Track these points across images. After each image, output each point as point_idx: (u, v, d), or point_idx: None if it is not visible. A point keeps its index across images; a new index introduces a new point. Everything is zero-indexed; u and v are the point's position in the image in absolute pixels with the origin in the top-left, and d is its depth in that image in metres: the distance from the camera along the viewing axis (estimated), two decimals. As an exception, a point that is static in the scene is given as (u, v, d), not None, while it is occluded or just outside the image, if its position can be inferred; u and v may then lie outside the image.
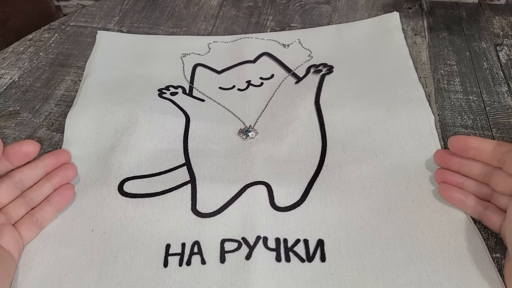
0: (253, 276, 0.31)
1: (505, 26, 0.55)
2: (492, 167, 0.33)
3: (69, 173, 0.38)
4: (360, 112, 0.43)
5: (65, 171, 0.37)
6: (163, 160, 0.40)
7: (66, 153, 0.38)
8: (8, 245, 0.32)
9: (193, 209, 0.36)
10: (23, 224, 0.34)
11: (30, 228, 0.34)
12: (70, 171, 0.38)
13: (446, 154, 0.35)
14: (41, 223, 0.35)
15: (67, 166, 0.38)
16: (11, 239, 0.32)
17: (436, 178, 0.36)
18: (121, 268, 0.33)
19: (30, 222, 0.34)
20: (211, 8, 0.61)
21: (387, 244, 0.33)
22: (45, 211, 0.35)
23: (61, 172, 0.37)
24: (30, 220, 0.34)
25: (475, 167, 0.34)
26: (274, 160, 0.40)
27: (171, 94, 0.47)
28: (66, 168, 0.38)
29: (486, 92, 0.46)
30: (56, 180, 0.37)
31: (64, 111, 0.46)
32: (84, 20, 0.59)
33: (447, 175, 0.35)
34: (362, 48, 0.51)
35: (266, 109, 0.45)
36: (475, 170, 0.34)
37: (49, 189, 0.36)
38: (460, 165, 0.35)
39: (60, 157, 0.38)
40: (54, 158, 0.37)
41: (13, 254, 0.32)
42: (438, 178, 0.35)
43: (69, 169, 0.38)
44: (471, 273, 0.31)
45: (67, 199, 0.36)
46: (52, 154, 0.37)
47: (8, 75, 0.51)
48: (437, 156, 0.36)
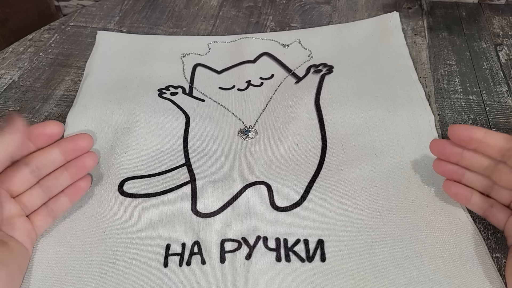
0: (253, 276, 0.31)
1: (505, 26, 0.55)
2: (495, 160, 0.31)
3: (88, 163, 0.35)
4: (360, 112, 0.43)
5: (83, 161, 0.35)
6: (163, 160, 0.40)
7: (86, 138, 0.35)
8: (21, 238, 0.31)
9: (193, 209, 0.36)
10: (38, 214, 0.33)
11: (45, 219, 0.33)
12: (89, 160, 0.35)
13: (445, 144, 0.33)
14: (55, 214, 0.34)
15: (86, 156, 0.35)
16: (24, 231, 0.32)
17: (436, 169, 0.34)
18: (121, 268, 0.33)
19: (45, 213, 0.33)
20: (211, 8, 0.61)
21: (387, 244, 0.33)
22: (60, 202, 0.34)
23: (80, 162, 0.34)
24: (45, 211, 0.33)
25: (477, 160, 0.32)
26: (274, 160, 0.40)
27: (171, 94, 0.47)
28: (86, 158, 0.35)
29: (486, 92, 0.46)
30: (74, 171, 0.34)
31: (64, 111, 0.46)
32: (84, 20, 0.59)
33: (447, 166, 0.33)
34: (362, 48, 0.51)
35: (266, 109, 0.45)
36: (477, 163, 0.32)
37: (66, 180, 0.34)
38: (461, 156, 0.33)
39: (78, 143, 0.34)
40: (72, 145, 0.34)
41: (27, 246, 0.32)
42: (438, 169, 0.34)
43: (89, 159, 0.35)
44: (471, 273, 0.31)
45: (83, 190, 0.35)
46: (70, 140, 0.34)
47: (8, 75, 0.51)
48: (434, 146, 0.34)
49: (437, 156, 0.34)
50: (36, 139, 0.32)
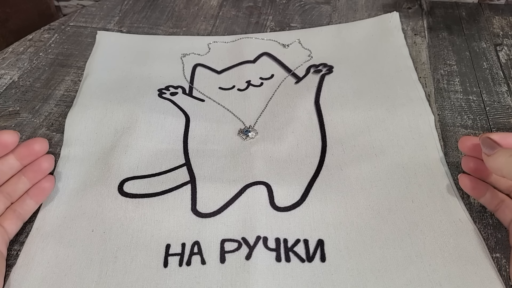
0: (253, 276, 0.31)
1: (505, 26, 0.55)
2: None
3: (45, 166, 0.35)
4: (360, 112, 0.43)
5: (39, 164, 0.35)
6: (163, 160, 0.40)
7: (40, 142, 0.35)
8: None
9: (193, 209, 0.36)
10: (6, 219, 0.34)
11: (14, 223, 0.34)
12: (45, 163, 0.35)
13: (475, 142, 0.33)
14: (23, 216, 0.35)
15: (42, 159, 0.35)
16: None
17: (465, 165, 0.34)
18: (121, 268, 0.33)
19: (13, 217, 0.34)
20: (211, 8, 0.61)
21: (387, 244, 0.33)
22: (26, 205, 0.35)
23: (36, 166, 0.35)
24: (13, 215, 0.34)
25: None
26: (274, 160, 0.40)
27: (171, 94, 0.47)
28: (41, 161, 0.35)
29: (486, 92, 0.46)
30: (31, 175, 0.35)
31: (64, 111, 0.46)
32: (84, 20, 0.59)
33: (476, 163, 0.34)
34: (362, 48, 0.51)
35: (266, 109, 0.45)
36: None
37: (25, 184, 0.35)
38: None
39: (32, 147, 0.35)
40: (26, 150, 0.35)
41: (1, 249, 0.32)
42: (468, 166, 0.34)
43: (45, 161, 0.35)
44: (471, 273, 0.31)
45: (47, 191, 0.36)
46: (24, 145, 0.35)
47: (8, 75, 0.51)
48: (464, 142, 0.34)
49: (466, 152, 0.34)
50: None
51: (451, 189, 0.36)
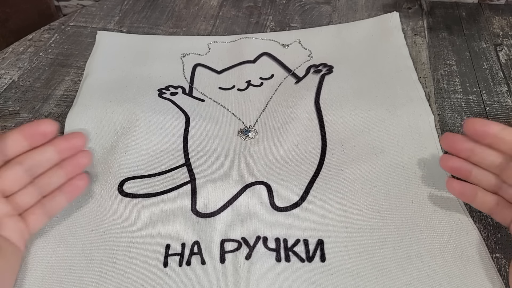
0: (253, 276, 0.31)
1: (505, 26, 0.55)
2: (508, 158, 0.30)
3: (83, 161, 0.35)
4: (360, 112, 0.43)
5: (78, 159, 0.34)
6: (163, 160, 0.40)
7: (81, 137, 0.34)
8: (12, 237, 0.31)
9: (193, 209, 0.36)
10: (32, 213, 0.32)
11: (40, 218, 0.33)
12: (84, 158, 0.35)
13: (457, 137, 0.32)
14: (51, 213, 0.34)
15: (81, 154, 0.35)
16: (15, 231, 0.31)
17: (443, 164, 0.33)
18: (121, 268, 0.33)
19: (40, 212, 0.33)
20: (211, 8, 0.61)
21: (387, 244, 0.33)
22: (56, 201, 0.34)
23: (75, 160, 0.34)
24: (41, 210, 0.33)
25: (488, 156, 0.31)
26: (274, 160, 0.40)
27: (171, 94, 0.47)
28: (80, 156, 0.35)
29: (486, 92, 0.46)
30: (69, 169, 0.34)
31: (64, 111, 0.46)
32: (84, 20, 0.59)
33: (455, 161, 0.32)
34: (362, 48, 0.51)
35: (266, 109, 0.45)
36: (488, 159, 0.31)
37: (61, 178, 0.34)
38: (472, 152, 0.32)
39: (74, 141, 0.34)
40: (67, 143, 0.34)
41: (19, 245, 0.31)
42: (445, 165, 0.33)
43: (83, 157, 0.35)
44: (471, 273, 0.31)
45: (80, 189, 0.35)
46: (65, 139, 0.34)
47: (8, 75, 0.51)
48: (446, 140, 0.32)
49: (448, 150, 0.33)
50: (31, 138, 0.32)
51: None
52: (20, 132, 0.32)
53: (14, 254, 0.31)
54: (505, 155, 0.30)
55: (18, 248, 0.32)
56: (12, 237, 0.31)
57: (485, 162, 0.31)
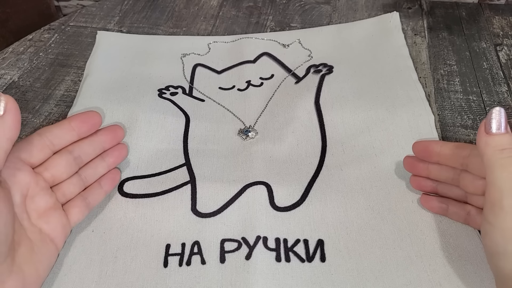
0: (253, 276, 0.31)
1: (505, 26, 0.55)
2: (458, 169, 0.32)
3: (124, 153, 0.37)
4: (360, 112, 0.43)
5: (120, 151, 0.36)
6: (163, 160, 0.40)
7: (121, 129, 0.37)
8: (54, 232, 0.30)
9: (193, 209, 0.36)
10: (75, 206, 0.32)
11: (82, 211, 0.33)
12: (123, 151, 0.37)
13: (413, 160, 0.35)
14: (91, 205, 0.34)
15: (121, 146, 0.37)
16: (59, 225, 0.31)
17: (412, 184, 0.36)
18: (121, 268, 0.33)
19: (82, 204, 0.33)
20: (211, 8, 0.61)
21: (387, 244, 0.33)
22: (96, 194, 0.34)
23: (116, 151, 0.36)
24: (83, 202, 0.33)
25: (441, 172, 0.33)
26: (274, 160, 0.40)
27: (171, 94, 0.47)
28: (121, 148, 0.37)
29: (486, 92, 0.46)
30: (112, 160, 0.36)
31: (64, 111, 0.46)
32: (84, 20, 0.59)
33: (420, 181, 0.35)
34: (362, 48, 0.51)
35: (266, 109, 0.45)
36: (442, 175, 0.33)
37: (104, 169, 0.35)
38: (428, 170, 0.34)
39: (117, 133, 0.36)
40: (111, 134, 0.36)
41: (57, 242, 0.30)
42: (414, 185, 0.35)
43: (124, 149, 0.37)
44: (470, 273, 0.31)
45: (116, 182, 0.37)
46: (109, 130, 0.36)
47: (8, 75, 0.51)
48: (405, 163, 0.36)
49: (410, 172, 0.36)
50: (79, 128, 0.33)
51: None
52: (70, 122, 0.32)
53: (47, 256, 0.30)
54: (455, 169, 0.32)
55: (55, 247, 0.31)
56: (53, 232, 0.30)
57: (442, 177, 0.33)
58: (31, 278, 0.28)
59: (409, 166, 0.36)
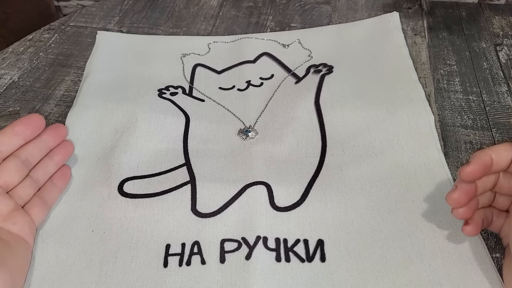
0: (253, 276, 0.31)
1: (505, 26, 0.55)
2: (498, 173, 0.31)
3: (70, 149, 0.38)
4: (360, 112, 0.43)
5: (66, 148, 0.38)
6: (163, 160, 0.40)
7: (63, 127, 0.38)
8: (23, 232, 0.32)
9: (193, 209, 0.36)
10: (34, 206, 0.34)
11: (41, 210, 0.34)
12: (70, 147, 0.38)
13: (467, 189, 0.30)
14: (49, 204, 0.35)
15: (66, 143, 0.38)
16: (25, 225, 0.32)
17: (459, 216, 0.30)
18: (121, 268, 0.33)
19: (40, 203, 0.34)
20: (211, 8, 0.61)
21: (387, 244, 0.33)
22: (51, 192, 0.36)
23: (63, 149, 0.37)
24: (41, 201, 0.34)
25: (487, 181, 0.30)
26: (274, 160, 0.40)
27: (171, 94, 0.47)
28: (66, 145, 0.38)
29: (486, 92, 0.46)
30: (59, 157, 0.37)
31: (64, 111, 0.46)
32: (84, 20, 0.59)
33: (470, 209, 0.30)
34: (362, 48, 0.51)
35: (266, 109, 0.45)
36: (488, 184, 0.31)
37: (53, 167, 0.36)
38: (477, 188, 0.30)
39: (60, 132, 0.37)
40: (54, 134, 0.37)
41: (28, 240, 0.32)
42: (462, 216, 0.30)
43: (69, 146, 0.38)
44: (471, 273, 0.31)
45: (68, 179, 0.38)
46: (51, 130, 0.37)
47: (8, 75, 0.51)
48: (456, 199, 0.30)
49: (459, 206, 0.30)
50: (23, 133, 0.34)
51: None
52: (13, 128, 0.34)
53: (24, 251, 0.31)
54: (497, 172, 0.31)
55: (27, 244, 0.32)
56: (22, 232, 0.32)
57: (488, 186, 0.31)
58: (16, 270, 0.30)
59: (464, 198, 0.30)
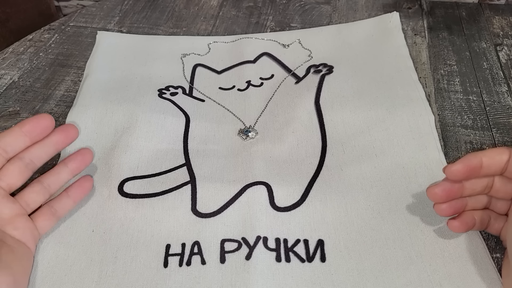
0: (253, 276, 0.31)
1: (505, 26, 0.55)
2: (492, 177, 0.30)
3: (87, 157, 0.35)
4: (360, 112, 0.43)
5: (83, 155, 0.35)
6: (163, 160, 0.40)
7: (74, 128, 0.35)
8: (24, 237, 0.31)
9: (193, 209, 0.36)
10: (42, 215, 0.33)
11: (49, 219, 0.33)
12: (88, 155, 0.36)
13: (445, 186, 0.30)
14: (59, 214, 0.34)
15: (84, 151, 0.36)
16: (27, 230, 0.31)
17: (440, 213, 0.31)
18: (121, 269, 0.33)
19: (49, 213, 0.33)
20: (211, 8, 0.61)
21: (387, 244, 0.33)
22: (64, 203, 0.34)
23: (80, 156, 0.35)
24: (49, 211, 0.33)
25: (476, 184, 0.31)
26: (274, 160, 0.40)
27: (171, 94, 0.47)
28: (84, 153, 0.35)
29: (486, 92, 0.46)
30: (75, 165, 0.35)
31: (64, 111, 0.46)
32: (84, 21, 0.59)
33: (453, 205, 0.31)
34: (362, 48, 0.51)
35: (266, 109, 0.45)
36: (478, 186, 0.31)
37: (67, 175, 0.35)
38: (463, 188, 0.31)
39: (69, 132, 0.34)
40: (63, 135, 0.34)
41: (29, 246, 0.32)
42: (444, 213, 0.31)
43: (87, 153, 0.36)
44: (471, 273, 0.31)
45: (87, 190, 0.35)
46: (60, 130, 0.34)
47: (8, 75, 0.51)
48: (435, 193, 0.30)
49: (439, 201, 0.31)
50: (31, 133, 0.32)
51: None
52: (20, 128, 0.32)
53: (26, 256, 0.31)
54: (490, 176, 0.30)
55: (29, 249, 0.32)
56: (23, 237, 0.31)
57: (477, 189, 0.31)
58: (19, 272, 0.30)
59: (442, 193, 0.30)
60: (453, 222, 0.31)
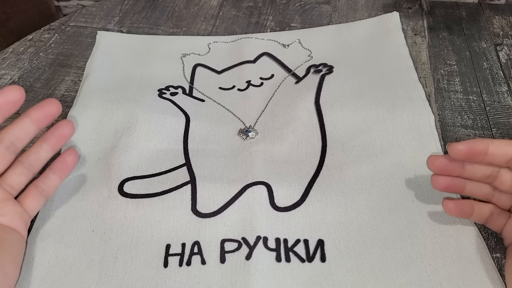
0: (253, 276, 0.31)
1: (505, 26, 0.55)
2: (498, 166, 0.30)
3: (65, 131, 0.33)
4: (360, 112, 0.43)
5: (60, 129, 0.33)
6: (163, 160, 0.40)
7: (55, 103, 0.32)
8: (12, 222, 0.30)
9: (193, 209, 0.36)
10: (28, 195, 0.32)
11: (37, 199, 0.32)
12: (66, 127, 0.33)
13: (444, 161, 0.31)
14: (47, 193, 0.33)
15: (61, 124, 0.33)
16: (15, 215, 0.31)
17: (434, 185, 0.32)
18: (121, 269, 0.33)
19: (35, 193, 0.32)
20: (211, 8, 0.61)
21: (387, 244, 0.33)
22: (49, 180, 0.33)
23: (57, 131, 0.32)
24: (36, 191, 0.32)
25: (478, 170, 0.30)
26: (274, 160, 0.40)
27: (171, 94, 0.47)
28: (62, 126, 0.33)
29: (486, 92, 0.46)
30: (53, 141, 0.32)
31: (64, 111, 0.46)
32: (84, 21, 0.59)
33: (447, 181, 0.31)
34: (362, 48, 0.51)
35: (266, 109, 0.45)
36: (479, 173, 0.31)
37: (48, 152, 0.33)
38: (463, 169, 0.31)
39: (48, 108, 0.31)
40: (42, 111, 0.31)
41: (20, 231, 0.31)
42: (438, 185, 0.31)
43: (65, 126, 0.33)
44: (471, 273, 0.31)
45: (71, 165, 0.34)
46: (38, 107, 0.31)
47: (8, 75, 0.51)
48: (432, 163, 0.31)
49: (436, 172, 0.32)
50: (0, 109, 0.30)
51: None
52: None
53: (16, 243, 0.30)
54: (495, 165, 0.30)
55: (20, 235, 0.31)
56: (12, 222, 0.30)
57: (477, 175, 0.31)
58: (7, 263, 0.29)
59: (437, 166, 0.31)
60: (448, 202, 0.32)
